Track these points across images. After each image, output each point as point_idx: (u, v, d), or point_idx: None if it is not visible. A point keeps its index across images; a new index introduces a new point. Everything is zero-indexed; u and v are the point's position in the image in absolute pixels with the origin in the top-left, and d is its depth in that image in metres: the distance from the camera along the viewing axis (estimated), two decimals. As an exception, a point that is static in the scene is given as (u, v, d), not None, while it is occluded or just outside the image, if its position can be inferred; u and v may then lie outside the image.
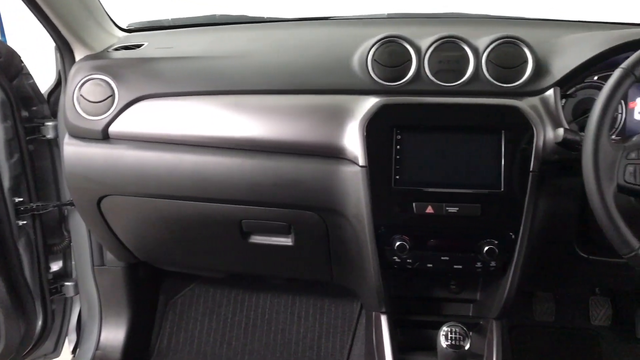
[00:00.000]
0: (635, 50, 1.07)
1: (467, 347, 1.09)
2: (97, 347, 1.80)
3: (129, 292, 1.81)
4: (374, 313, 1.44)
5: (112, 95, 1.36)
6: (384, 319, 1.40)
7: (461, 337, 1.09)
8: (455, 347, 1.09)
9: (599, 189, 1.02)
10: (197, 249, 1.60)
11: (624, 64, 1.05)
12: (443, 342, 1.10)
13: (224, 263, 1.70)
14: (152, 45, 1.50)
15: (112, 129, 1.37)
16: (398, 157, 1.24)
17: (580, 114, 1.31)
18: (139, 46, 1.49)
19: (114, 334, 1.82)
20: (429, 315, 1.40)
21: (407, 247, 1.27)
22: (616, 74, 1.05)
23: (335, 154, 1.27)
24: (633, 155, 1.04)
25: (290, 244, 1.46)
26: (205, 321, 2.02)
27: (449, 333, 1.10)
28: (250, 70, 1.37)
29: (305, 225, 1.39)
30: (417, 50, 1.28)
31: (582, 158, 1.05)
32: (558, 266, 1.49)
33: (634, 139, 1.09)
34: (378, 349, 1.39)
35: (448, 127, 1.24)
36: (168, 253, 1.65)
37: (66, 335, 1.82)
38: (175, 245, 1.59)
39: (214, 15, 1.70)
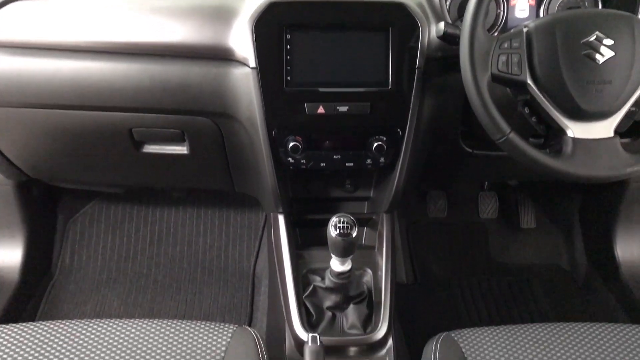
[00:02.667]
0: None
1: (354, 234, 1.14)
2: None
3: (22, 212, 1.75)
4: (272, 214, 1.48)
5: None
6: (281, 219, 1.44)
7: (349, 226, 1.14)
8: (344, 235, 1.14)
9: (474, 78, 1.07)
10: (90, 163, 1.55)
11: None
12: (332, 232, 1.14)
13: (119, 176, 1.66)
14: None
15: None
16: (289, 57, 1.23)
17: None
18: None
19: (10, 255, 1.77)
20: (326, 214, 1.46)
21: (301, 147, 1.29)
22: None
23: (224, 55, 1.24)
24: (506, 45, 1.09)
25: (185, 152, 1.44)
26: (108, 238, 1.99)
27: (338, 223, 1.14)
28: None
29: (199, 132, 1.38)
30: None
31: (460, 49, 1.09)
32: (447, 163, 1.57)
33: (511, 31, 1.14)
34: (276, 247, 1.43)
35: (337, 26, 1.24)
36: (59, 168, 1.59)
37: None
38: (66, 159, 1.54)
39: None
